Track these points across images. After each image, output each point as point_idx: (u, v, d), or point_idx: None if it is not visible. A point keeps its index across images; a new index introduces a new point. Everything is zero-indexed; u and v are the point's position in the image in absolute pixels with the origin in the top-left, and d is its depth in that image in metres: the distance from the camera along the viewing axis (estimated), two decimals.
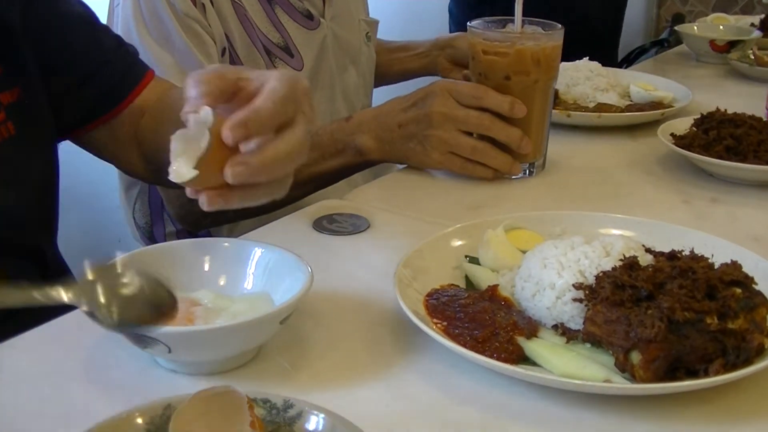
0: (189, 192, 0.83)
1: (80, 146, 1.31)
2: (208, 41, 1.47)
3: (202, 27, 1.47)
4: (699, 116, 1.46)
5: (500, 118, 1.34)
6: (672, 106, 1.65)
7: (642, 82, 1.75)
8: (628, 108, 1.63)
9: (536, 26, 1.38)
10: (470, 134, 1.35)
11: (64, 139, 1.27)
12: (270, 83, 0.83)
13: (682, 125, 1.48)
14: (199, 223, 1.57)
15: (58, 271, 1.25)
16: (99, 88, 1.22)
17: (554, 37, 1.35)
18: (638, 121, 1.59)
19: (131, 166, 1.34)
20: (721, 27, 2.41)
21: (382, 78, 2.02)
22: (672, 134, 1.46)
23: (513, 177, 1.37)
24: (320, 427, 0.71)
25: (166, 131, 0.82)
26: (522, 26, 1.37)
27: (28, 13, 1.12)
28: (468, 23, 1.39)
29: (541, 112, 1.38)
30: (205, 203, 0.82)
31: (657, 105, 1.65)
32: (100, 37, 1.25)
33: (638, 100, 1.69)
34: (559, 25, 1.36)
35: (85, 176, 1.53)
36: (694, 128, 1.44)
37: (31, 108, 1.12)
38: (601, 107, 1.61)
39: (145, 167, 1.30)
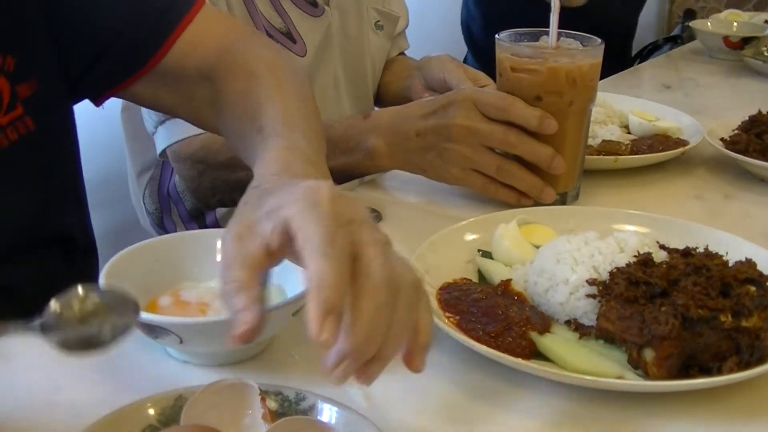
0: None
1: (138, 102, 1.21)
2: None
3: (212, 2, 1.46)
4: (746, 119, 1.45)
5: (530, 134, 1.20)
6: (678, 137, 1.52)
7: (640, 111, 1.60)
8: (634, 143, 1.47)
9: (573, 39, 1.24)
10: (495, 151, 1.22)
11: (110, 96, 1.18)
12: (298, 227, 0.68)
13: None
14: (207, 201, 1.54)
15: (87, 253, 1.23)
16: (122, 50, 1.12)
17: (593, 53, 1.21)
18: (658, 161, 1.42)
19: (207, 126, 1.22)
20: (735, 23, 2.40)
21: (384, 99, 1.90)
22: (722, 139, 1.42)
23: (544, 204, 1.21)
24: (333, 420, 0.71)
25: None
26: (557, 40, 1.22)
27: None
28: (496, 35, 1.24)
29: (575, 138, 1.24)
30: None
31: (662, 138, 1.50)
32: None
33: (640, 132, 1.53)
34: (599, 40, 1.23)
35: (95, 162, 1.52)
36: (742, 133, 1.42)
37: (49, 99, 1.09)
38: (608, 147, 1.43)
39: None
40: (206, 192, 1.48)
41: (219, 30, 1.16)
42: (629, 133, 1.55)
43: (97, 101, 1.19)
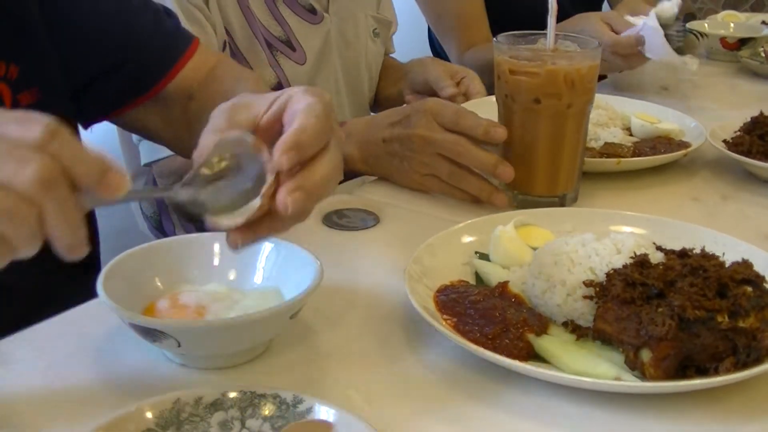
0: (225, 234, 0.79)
1: (127, 128, 1.28)
2: (210, 32, 1.47)
3: (205, 17, 1.46)
4: (748, 121, 1.45)
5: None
6: (680, 140, 1.51)
7: (642, 113, 1.59)
8: (636, 146, 1.47)
9: (570, 42, 1.25)
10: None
11: (102, 120, 1.23)
12: (302, 100, 0.79)
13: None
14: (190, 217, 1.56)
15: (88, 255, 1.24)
16: (134, 68, 1.18)
17: (591, 55, 1.22)
18: (660, 163, 1.42)
19: (186, 150, 1.26)
20: (732, 24, 2.40)
21: (379, 104, 1.93)
22: (725, 141, 1.43)
23: (499, 207, 1.23)
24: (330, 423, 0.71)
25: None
26: (555, 42, 1.23)
27: (47, 6, 1.10)
28: (494, 38, 1.26)
29: (574, 140, 1.24)
30: (237, 241, 0.78)
31: (665, 140, 1.50)
32: (132, 14, 1.19)
33: (642, 135, 1.53)
34: (596, 42, 1.24)
35: None
36: (745, 134, 1.42)
37: (51, 108, 1.10)
38: (611, 149, 1.44)
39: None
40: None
41: (209, 57, 1.25)
42: (631, 135, 1.55)
43: (87, 124, 1.23)
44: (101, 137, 1.81)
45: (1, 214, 0.63)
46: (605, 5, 2.60)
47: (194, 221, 0.82)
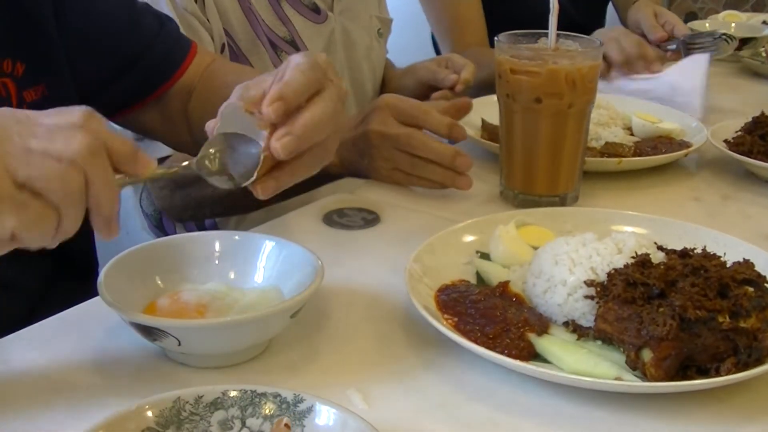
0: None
1: (127, 127, 1.30)
2: (206, 38, 1.47)
3: (200, 23, 1.46)
4: (750, 120, 1.45)
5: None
6: (681, 139, 1.52)
7: (643, 113, 1.59)
8: (637, 146, 1.47)
9: (572, 41, 1.24)
10: None
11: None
12: (292, 61, 0.85)
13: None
14: (181, 216, 1.58)
15: (87, 254, 1.25)
16: (140, 73, 1.21)
17: (592, 55, 1.22)
18: (661, 163, 1.42)
19: (181, 145, 1.33)
20: (733, 24, 2.40)
21: None
22: (726, 141, 1.43)
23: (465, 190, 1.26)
24: (331, 422, 0.71)
25: (212, 114, 0.85)
26: (556, 41, 1.23)
27: (60, 5, 1.11)
28: (495, 37, 1.25)
29: (575, 140, 1.24)
30: (259, 192, 0.84)
31: (666, 140, 1.50)
32: (139, 21, 1.22)
33: (643, 134, 1.53)
34: (598, 41, 1.25)
35: None
36: (746, 134, 1.42)
37: (55, 105, 1.11)
38: (612, 148, 1.43)
39: (194, 144, 1.28)
40: (178, 209, 1.53)
41: (206, 57, 1.28)
42: (632, 135, 1.55)
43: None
44: None
45: (55, 180, 0.70)
46: (608, 5, 2.60)
47: (195, 219, 0.85)
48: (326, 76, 0.86)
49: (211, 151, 0.84)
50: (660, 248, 0.96)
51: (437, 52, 2.53)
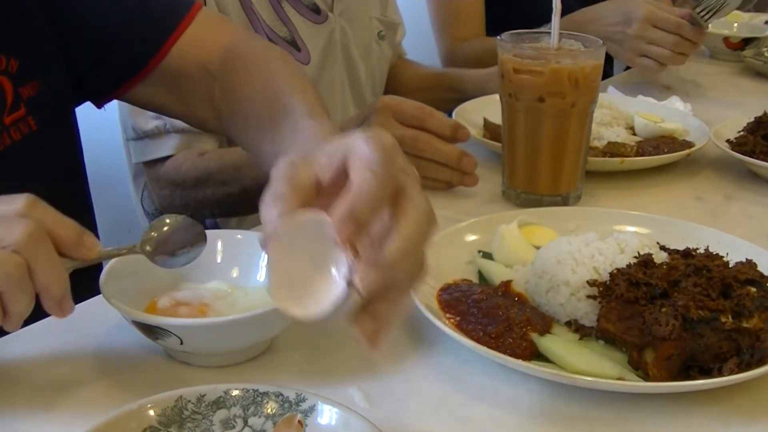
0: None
1: (137, 105, 1.26)
2: None
3: None
4: (752, 120, 1.45)
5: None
6: (684, 139, 1.51)
7: (646, 113, 1.59)
8: (640, 145, 1.46)
9: (575, 41, 1.24)
10: None
11: (112, 99, 1.23)
12: (356, 152, 0.67)
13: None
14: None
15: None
16: (125, 49, 1.15)
17: (595, 54, 1.22)
18: (664, 162, 1.42)
19: (207, 128, 1.28)
20: (735, 24, 2.40)
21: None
22: (728, 141, 1.43)
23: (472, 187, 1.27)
24: (333, 421, 0.71)
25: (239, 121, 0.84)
26: (559, 41, 1.22)
27: None
28: (497, 37, 1.25)
29: (577, 139, 1.24)
30: (368, 345, 0.71)
31: (668, 140, 1.50)
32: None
33: (645, 134, 1.53)
34: (600, 41, 1.24)
35: (95, 163, 1.52)
36: (748, 134, 1.42)
37: (51, 100, 1.10)
38: (614, 148, 1.42)
39: (222, 132, 1.25)
40: (178, 210, 1.51)
41: (220, 29, 1.19)
42: (635, 134, 1.55)
43: (99, 103, 1.21)
44: (102, 136, 1.82)
45: None
46: None
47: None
48: (399, 167, 0.69)
49: (153, 234, 0.84)
50: (662, 248, 0.96)
51: None
